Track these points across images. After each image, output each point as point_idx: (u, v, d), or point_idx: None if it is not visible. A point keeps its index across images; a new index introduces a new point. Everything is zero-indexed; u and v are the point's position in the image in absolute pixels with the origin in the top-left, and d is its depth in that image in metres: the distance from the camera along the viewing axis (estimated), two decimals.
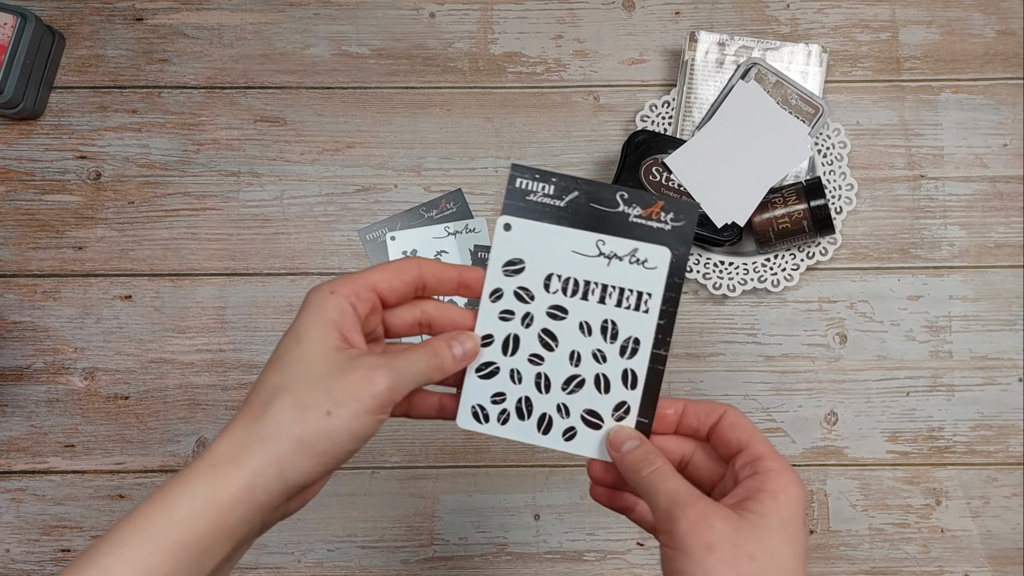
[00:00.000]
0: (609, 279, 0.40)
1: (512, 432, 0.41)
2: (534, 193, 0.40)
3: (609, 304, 0.40)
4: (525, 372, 0.41)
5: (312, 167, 0.72)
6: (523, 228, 0.41)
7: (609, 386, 0.40)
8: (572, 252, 0.40)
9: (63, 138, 0.72)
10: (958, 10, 0.73)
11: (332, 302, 0.37)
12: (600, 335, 0.40)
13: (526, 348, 0.41)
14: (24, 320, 0.70)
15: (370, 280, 0.39)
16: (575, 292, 0.40)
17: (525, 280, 0.41)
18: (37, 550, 0.68)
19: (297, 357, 0.36)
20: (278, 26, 0.73)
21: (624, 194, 0.40)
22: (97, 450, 0.69)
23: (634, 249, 0.40)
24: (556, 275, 0.40)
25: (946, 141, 0.72)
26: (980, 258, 0.70)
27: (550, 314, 0.41)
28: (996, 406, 0.69)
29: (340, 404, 0.35)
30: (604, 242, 0.40)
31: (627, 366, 0.40)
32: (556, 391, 0.41)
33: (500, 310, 0.41)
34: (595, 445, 0.41)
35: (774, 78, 0.68)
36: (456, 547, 0.68)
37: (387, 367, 0.37)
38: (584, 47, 0.73)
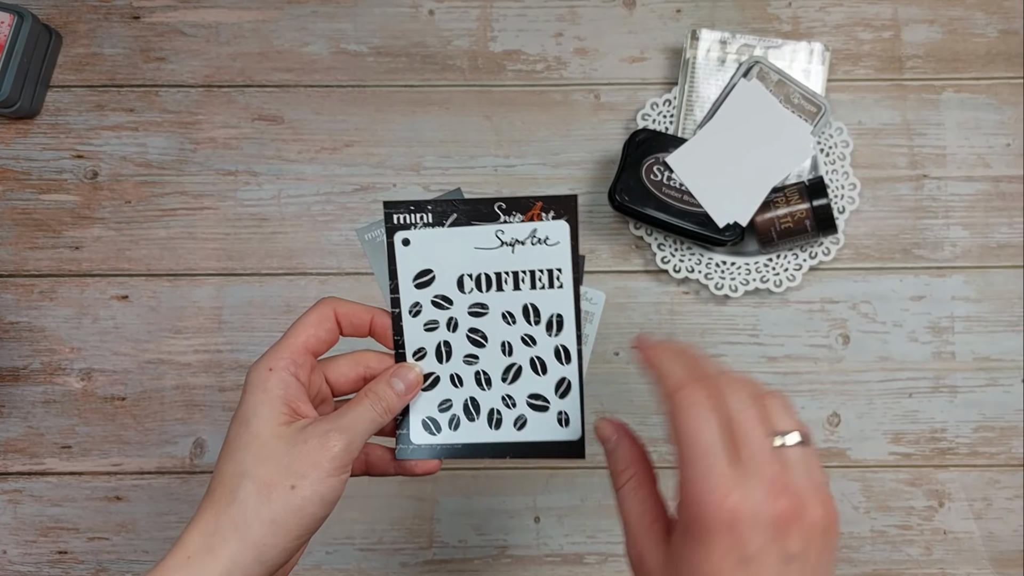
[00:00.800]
0: (518, 265, 0.41)
1: (465, 436, 0.42)
2: (414, 225, 0.41)
3: (524, 289, 0.41)
4: (464, 374, 0.42)
5: (310, 166, 0.71)
6: (422, 238, 0.41)
7: (546, 366, 0.41)
8: (476, 249, 0.41)
9: (60, 137, 0.72)
10: (960, 9, 0.73)
11: (274, 379, 0.38)
12: (524, 320, 0.41)
13: (459, 351, 0.42)
14: (21, 320, 0.70)
15: (299, 341, 0.40)
16: (490, 286, 0.41)
17: (439, 287, 0.41)
18: (34, 551, 0.68)
19: (249, 440, 0.37)
20: (276, 24, 0.73)
21: (502, 204, 0.40)
22: (94, 451, 0.68)
23: (533, 230, 0.40)
24: (467, 275, 0.41)
25: (948, 141, 0.71)
26: (983, 258, 0.70)
27: (472, 312, 0.41)
28: (998, 408, 0.69)
29: (302, 476, 0.36)
30: (503, 231, 0.40)
31: (557, 343, 0.41)
32: (497, 384, 0.41)
33: (424, 323, 0.42)
34: (547, 427, 0.41)
35: (776, 77, 0.68)
36: (455, 550, 0.68)
37: (338, 428, 0.38)
38: (584, 45, 0.73)
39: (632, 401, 0.68)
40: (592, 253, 0.70)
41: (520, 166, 0.71)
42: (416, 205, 0.41)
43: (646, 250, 0.70)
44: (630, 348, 0.46)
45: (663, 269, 0.69)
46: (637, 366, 0.42)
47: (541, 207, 0.40)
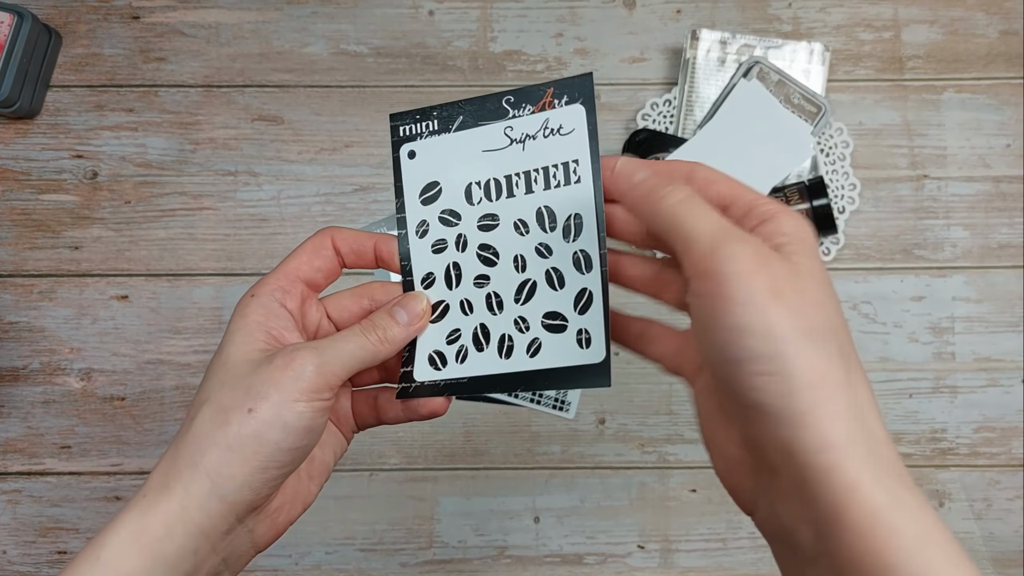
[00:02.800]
0: (529, 163, 0.36)
1: (472, 368, 0.37)
2: (420, 136, 0.38)
3: (538, 190, 0.36)
4: (474, 298, 0.37)
5: (310, 166, 0.71)
6: (427, 148, 0.38)
7: (563, 278, 0.36)
8: (483, 152, 0.37)
9: (59, 137, 0.72)
10: (961, 9, 0.73)
11: (254, 304, 0.35)
12: (538, 226, 0.36)
13: (469, 272, 0.37)
14: (20, 320, 0.70)
15: (289, 268, 0.36)
16: (499, 192, 0.37)
17: (446, 201, 0.37)
18: (34, 551, 0.68)
19: (218, 368, 0.34)
20: (276, 24, 0.73)
21: (510, 98, 0.36)
22: (94, 451, 0.68)
23: (545, 120, 0.36)
24: (475, 183, 0.37)
25: (949, 141, 0.71)
26: (983, 259, 0.70)
27: (482, 226, 0.37)
28: (999, 408, 0.69)
29: (262, 398, 0.32)
30: (512, 127, 0.36)
31: (576, 249, 0.36)
32: (510, 306, 0.37)
33: (431, 243, 0.38)
34: (565, 350, 0.36)
35: (776, 77, 0.68)
36: (455, 550, 0.68)
37: (309, 348, 0.33)
38: (585, 45, 0.73)
39: (632, 401, 0.68)
40: None
41: None
42: (421, 113, 0.38)
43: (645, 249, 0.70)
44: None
45: None
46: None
47: (553, 93, 0.36)
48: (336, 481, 0.68)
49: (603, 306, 0.36)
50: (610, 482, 0.68)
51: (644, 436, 0.68)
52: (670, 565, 0.67)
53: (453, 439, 0.69)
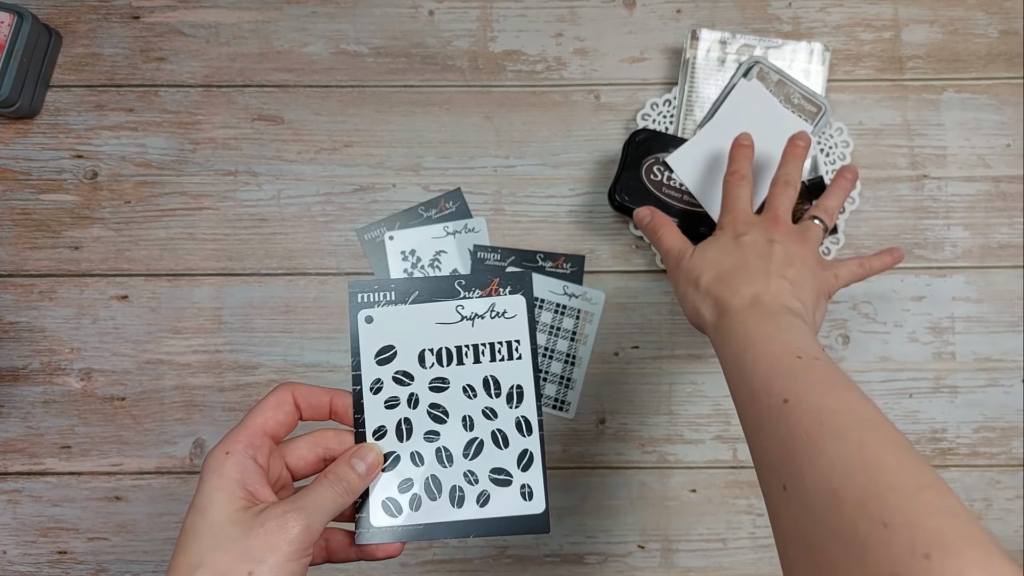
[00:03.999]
0: (478, 338, 0.42)
1: (426, 515, 0.41)
2: (378, 303, 0.42)
3: (484, 361, 0.42)
4: (424, 451, 0.41)
5: (310, 166, 0.71)
6: (385, 315, 0.42)
7: (507, 439, 0.41)
8: (437, 324, 0.42)
9: (59, 137, 0.72)
10: (961, 9, 0.73)
11: (231, 463, 0.38)
12: (484, 392, 0.42)
13: (420, 427, 0.42)
14: (20, 320, 0.70)
15: (256, 424, 0.39)
16: (450, 360, 0.42)
17: (400, 364, 0.42)
18: (34, 552, 0.68)
19: (205, 529, 0.36)
20: (276, 24, 0.73)
21: (462, 281, 0.42)
22: (94, 451, 0.68)
23: (491, 304, 0.42)
24: (428, 350, 0.42)
25: (949, 141, 0.71)
26: (983, 259, 0.70)
27: (433, 388, 0.42)
28: (999, 408, 0.69)
29: (259, 561, 0.35)
30: (463, 306, 0.42)
31: (518, 415, 0.41)
32: (459, 460, 0.41)
33: (384, 400, 0.42)
34: (510, 502, 0.41)
35: (776, 77, 0.68)
36: (455, 550, 0.68)
37: (296, 509, 0.37)
38: (584, 45, 0.73)
39: (632, 401, 0.68)
40: (592, 253, 0.70)
41: (520, 167, 0.71)
42: (380, 284, 0.42)
43: (646, 250, 0.70)
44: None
45: (663, 269, 0.69)
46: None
47: (498, 283, 0.42)
48: None
49: (541, 465, 0.42)
50: (610, 482, 0.68)
51: (644, 436, 0.68)
52: (670, 565, 0.67)
53: None
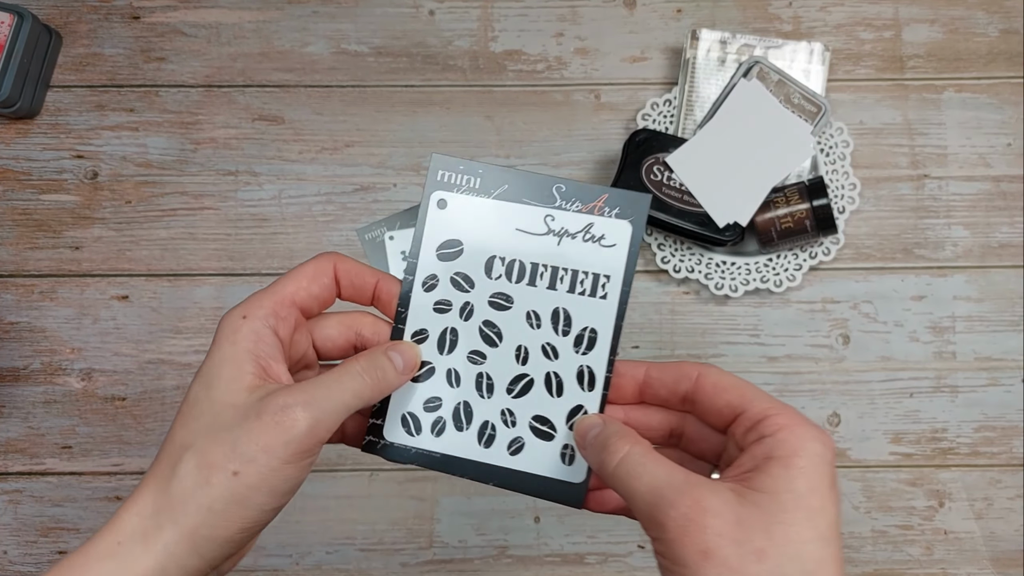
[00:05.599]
0: (560, 260, 0.35)
1: (447, 446, 0.35)
2: (458, 187, 0.36)
3: (561, 290, 0.35)
4: (464, 372, 0.36)
5: (311, 166, 0.71)
6: (461, 204, 0.35)
7: (562, 387, 0.35)
8: (517, 230, 0.35)
9: (60, 137, 0.72)
10: (961, 8, 0.73)
11: (246, 329, 0.32)
12: (551, 326, 0.35)
13: (466, 344, 0.36)
14: (21, 321, 0.70)
15: (286, 292, 0.33)
16: (521, 277, 0.35)
17: (463, 264, 0.35)
18: (35, 551, 0.68)
19: (205, 406, 0.31)
20: (276, 24, 0.73)
21: (561, 186, 0.35)
22: (95, 451, 0.68)
23: (588, 224, 0.35)
24: (499, 257, 0.35)
25: (949, 140, 0.71)
26: (984, 258, 0.70)
27: (493, 303, 0.35)
28: (999, 407, 0.69)
29: (248, 460, 0.30)
30: (554, 217, 0.35)
31: (583, 363, 0.35)
32: (500, 394, 0.35)
33: (435, 300, 0.36)
34: (546, 459, 0.35)
35: (776, 76, 0.68)
36: (456, 550, 0.68)
37: (304, 403, 0.30)
38: (585, 45, 0.73)
39: None
40: None
41: (521, 166, 0.71)
42: (467, 166, 0.35)
43: (646, 250, 0.70)
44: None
45: (663, 269, 0.69)
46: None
47: (606, 200, 0.34)
48: (336, 481, 0.68)
49: None
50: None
51: None
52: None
53: None
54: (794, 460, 0.28)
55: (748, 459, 0.29)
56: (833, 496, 0.28)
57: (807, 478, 0.27)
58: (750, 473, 0.28)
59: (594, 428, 0.33)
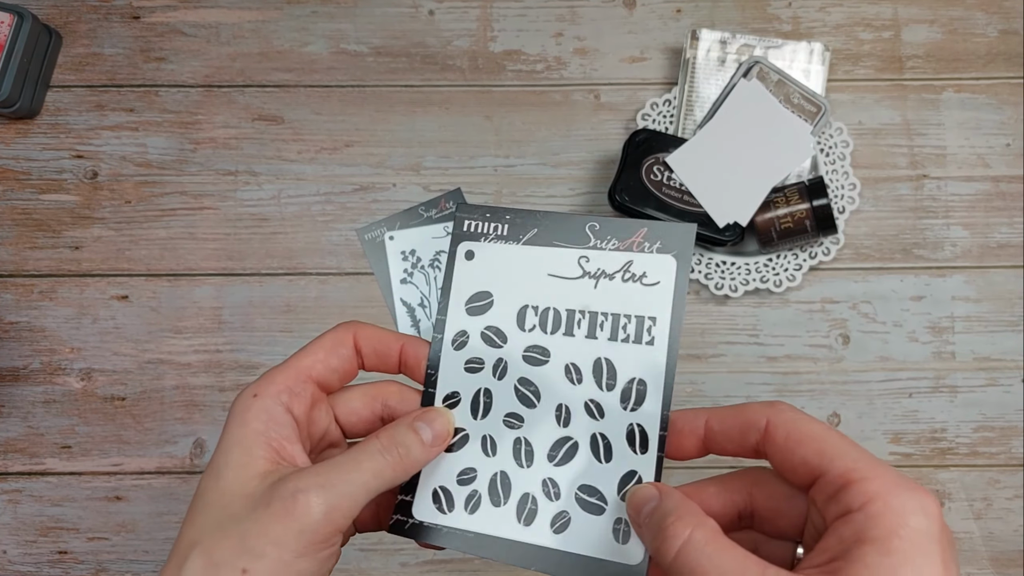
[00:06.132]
0: (599, 304, 0.31)
1: (483, 524, 0.31)
2: (485, 236, 0.33)
3: (602, 338, 0.31)
4: (500, 438, 0.32)
5: (310, 166, 0.71)
6: (489, 252, 0.33)
7: (611, 451, 0.30)
8: (550, 276, 0.32)
9: (60, 137, 0.72)
10: (960, 9, 0.73)
11: (256, 409, 0.29)
12: (593, 380, 0.31)
13: (501, 406, 0.32)
14: (21, 320, 0.70)
15: (301, 367, 0.31)
16: (557, 326, 0.32)
17: (494, 317, 0.32)
18: (34, 551, 0.68)
19: (213, 497, 0.28)
20: (276, 24, 0.73)
21: (595, 224, 0.32)
22: (94, 451, 0.68)
23: (627, 263, 0.31)
24: (531, 307, 0.32)
25: (948, 141, 0.71)
26: (983, 258, 0.70)
27: (528, 358, 0.32)
28: (998, 408, 0.69)
29: (258, 556, 0.26)
30: (588, 258, 0.32)
31: (632, 421, 0.30)
32: (540, 462, 0.31)
33: (466, 360, 0.32)
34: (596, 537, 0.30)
35: (776, 77, 0.68)
36: None
37: (318, 486, 0.27)
38: (584, 45, 0.73)
39: None
40: None
41: (520, 166, 0.71)
42: (492, 212, 0.33)
43: None
44: None
45: None
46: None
47: (645, 234, 0.31)
48: None
49: None
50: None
51: None
52: None
53: None
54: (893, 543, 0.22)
55: (835, 541, 0.23)
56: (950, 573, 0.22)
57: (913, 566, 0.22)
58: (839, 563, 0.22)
59: (649, 502, 0.28)
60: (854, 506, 0.23)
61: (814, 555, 0.24)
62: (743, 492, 0.28)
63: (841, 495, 0.24)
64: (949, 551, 0.22)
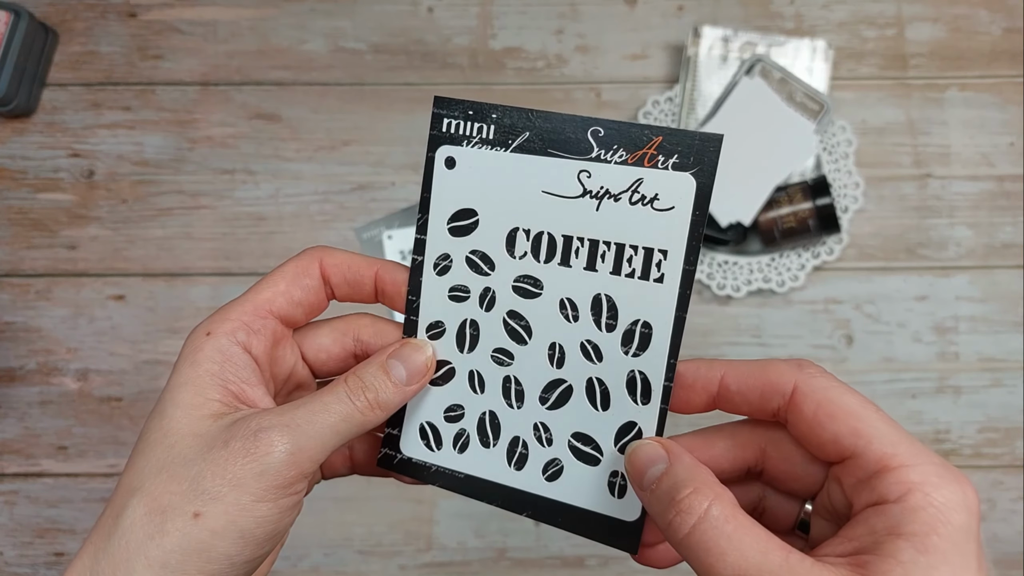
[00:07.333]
0: (601, 231, 0.27)
1: (472, 465, 0.29)
2: (468, 139, 0.28)
3: (602, 271, 0.27)
4: (488, 375, 0.29)
5: (308, 165, 0.71)
6: (473, 160, 0.28)
7: (608, 398, 0.28)
8: (544, 193, 0.28)
9: (56, 136, 0.71)
10: (964, 7, 0.72)
11: (209, 348, 0.26)
12: (591, 319, 0.28)
13: (489, 340, 0.29)
14: (16, 320, 0.69)
15: (260, 300, 0.28)
16: (552, 254, 0.28)
17: (480, 240, 0.29)
18: (31, 553, 0.67)
19: (157, 437, 0.25)
20: (274, 21, 0.72)
21: (599, 130, 0.27)
22: (90, 452, 0.68)
23: (637, 181, 0.27)
24: (523, 230, 0.28)
25: (952, 139, 0.71)
26: (987, 258, 0.69)
27: (518, 288, 0.29)
28: (1002, 408, 0.68)
29: (213, 498, 0.24)
30: (589, 172, 0.27)
31: (634, 367, 0.27)
32: (532, 403, 0.29)
33: (450, 286, 0.29)
34: (590, 489, 0.28)
35: (779, 74, 0.67)
36: (454, 552, 0.67)
37: (282, 425, 0.25)
38: (586, 42, 0.72)
39: None
40: None
41: None
42: (476, 109, 0.28)
43: None
44: None
45: None
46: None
47: (660, 144, 0.26)
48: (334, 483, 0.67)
49: None
50: None
51: None
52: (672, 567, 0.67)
53: None
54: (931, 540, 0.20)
55: (864, 531, 0.21)
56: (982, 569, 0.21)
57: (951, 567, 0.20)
58: (870, 556, 0.20)
59: (656, 465, 0.25)
60: (891, 497, 0.21)
61: (837, 542, 0.22)
62: (755, 449, 0.26)
63: (876, 482, 0.21)
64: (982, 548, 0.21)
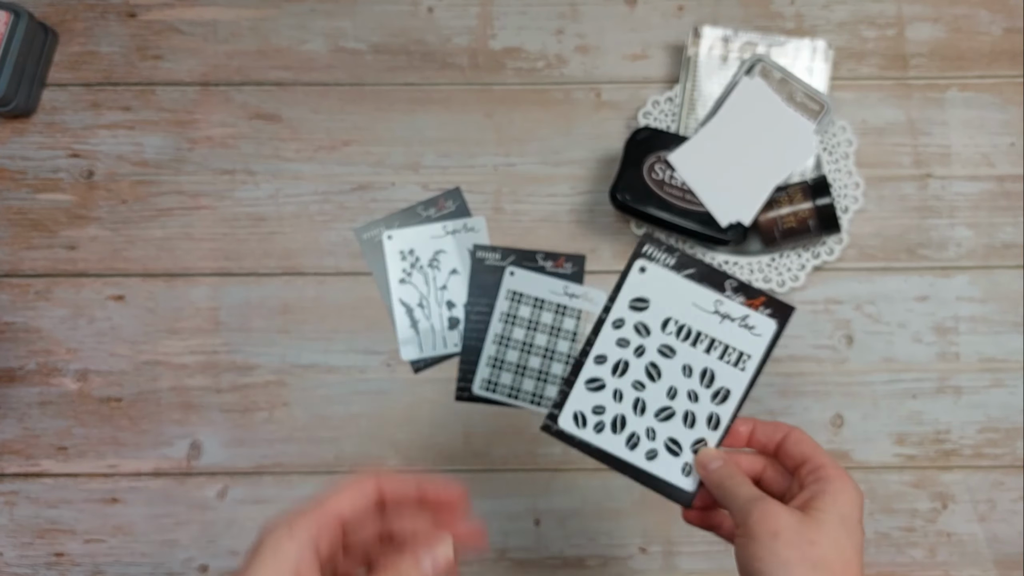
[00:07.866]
0: (719, 335, 0.45)
1: (603, 442, 0.46)
2: (657, 260, 0.46)
3: (713, 355, 0.45)
4: (626, 394, 0.46)
5: (308, 165, 0.71)
6: (657, 274, 0.46)
7: (695, 423, 0.46)
8: (692, 304, 0.46)
9: (56, 136, 0.71)
10: (964, 7, 0.72)
11: (291, 547, 0.32)
12: (698, 379, 0.46)
13: (632, 374, 0.46)
14: (16, 321, 0.69)
15: (333, 509, 0.34)
16: (686, 338, 0.46)
17: (646, 317, 0.46)
18: (31, 553, 0.67)
19: None
20: (274, 21, 0.72)
21: (733, 283, 0.45)
22: (90, 452, 0.68)
23: (746, 315, 0.45)
24: (674, 320, 0.46)
25: (953, 140, 0.71)
26: (987, 258, 0.69)
27: (660, 351, 0.46)
28: (1003, 409, 0.68)
29: None
30: (722, 303, 0.45)
31: (714, 410, 0.45)
32: (649, 416, 0.46)
33: (618, 337, 0.46)
34: (671, 469, 0.45)
35: (779, 74, 0.67)
36: None
37: None
38: (586, 42, 0.72)
39: None
40: (593, 253, 0.70)
41: (520, 165, 0.71)
42: (669, 248, 0.46)
43: None
44: None
45: None
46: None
47: (763, 302, 0.45)
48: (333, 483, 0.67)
49: None
50: (612, 484, 0.67)
51: None
52: (672, 568, 0.67)
53: (453, 441, 0.68)
54: (839, 496, 0.39)
55: (807, 493, 0.40)
56: (861, 526, 0.39)
57: (847, 508, 0.39)
58: (808, 500, 0.39)
59: (716, 461, 0.44)
60: (822, 477, 0.40)
61: (794, 501, 0.40)
62: (761, 466, 0.45)
63: (816, 471, 0.41)
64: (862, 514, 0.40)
